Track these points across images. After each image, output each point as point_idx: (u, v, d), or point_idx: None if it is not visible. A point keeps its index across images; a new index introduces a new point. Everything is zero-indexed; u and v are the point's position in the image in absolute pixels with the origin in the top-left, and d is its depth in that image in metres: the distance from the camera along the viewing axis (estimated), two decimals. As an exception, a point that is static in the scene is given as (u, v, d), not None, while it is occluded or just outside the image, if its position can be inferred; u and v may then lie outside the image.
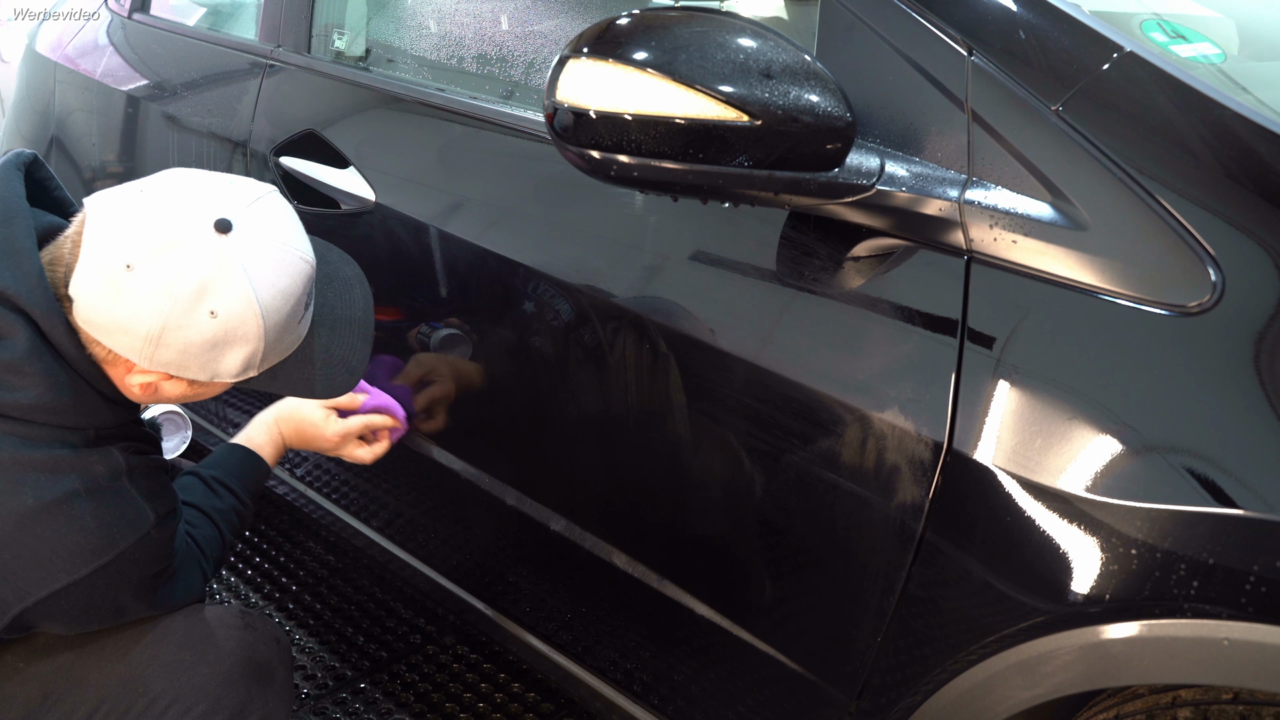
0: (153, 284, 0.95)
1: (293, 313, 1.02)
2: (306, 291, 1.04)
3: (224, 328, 0.97)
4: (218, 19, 2.15)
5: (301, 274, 1.02)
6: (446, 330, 1.40)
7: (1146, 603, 0.79)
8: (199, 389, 1.07)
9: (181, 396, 1.07)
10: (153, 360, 0.99)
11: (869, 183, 0.91)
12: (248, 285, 0.97)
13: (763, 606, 1.12)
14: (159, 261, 0.95)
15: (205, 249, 0.96)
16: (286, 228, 1.03)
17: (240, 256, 0.97)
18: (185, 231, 0.96)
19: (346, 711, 1.78)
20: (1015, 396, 0.87)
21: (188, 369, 1.00)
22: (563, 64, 0.90)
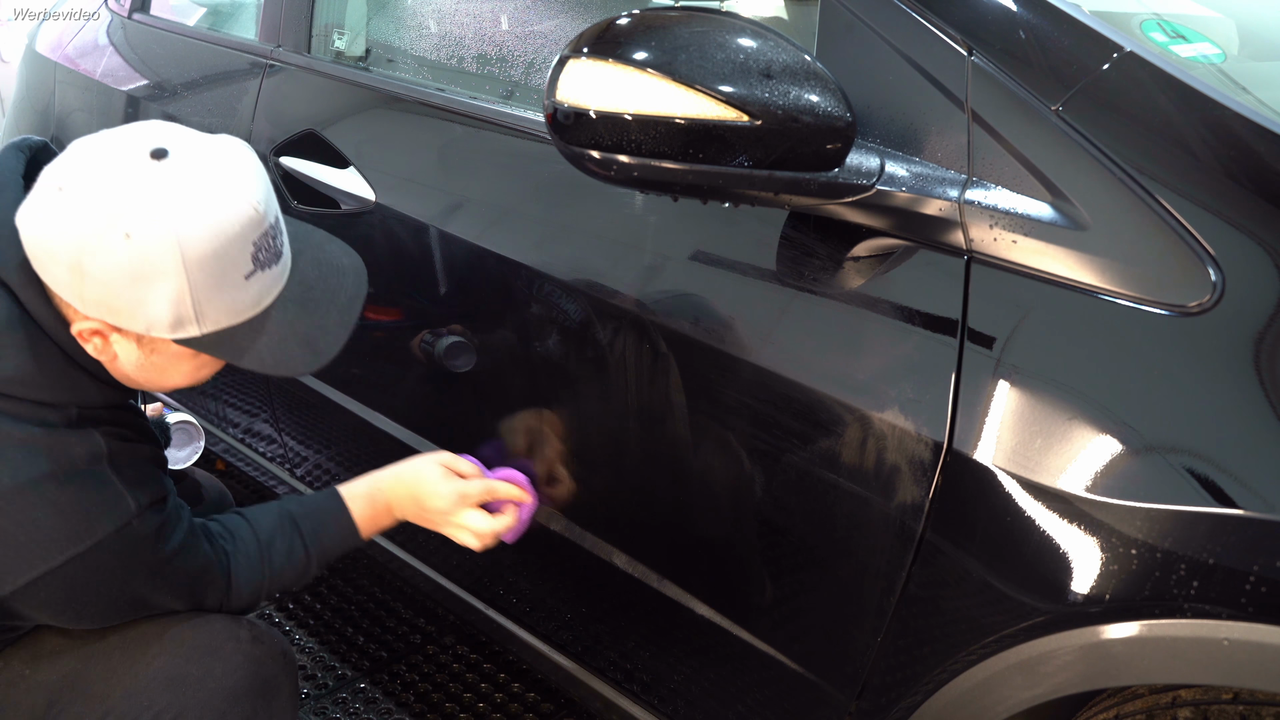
0: (76, 204, 0.91)
1: (224, 254, 0.93)
2: (251, 241, 0.95)
3: (139, 253, 0.90)
4: (218, 19, 2.15)
5: (241, 215, 0.94)
6: (451, 338, 1.40)
7: (1146, 603, 0.79)
8: (151, 352, 1.00)
9: (139, 365, 1.01)
10: (83, 298, 0.93)
11: (869, 183, 0.91)
12: (167, 209, 0.90)
13: (763, 606, 1.12)
14: (86, 182, 0.91)
15: (132, 171, 0.91)
16: (237, 170, 0.96)
17: (167, 181, 0.91)
18: (119, 156, 0.92)
19: (346, 711, 1.78)
20: (1015, 396, 0.87)
21: (119, 313, 0.94)
22: (563, 64, 0.90)
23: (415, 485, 1.24)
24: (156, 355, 1.01)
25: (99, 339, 0.98)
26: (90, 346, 0.99)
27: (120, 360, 1.01)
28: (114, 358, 1.00)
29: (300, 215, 1.59)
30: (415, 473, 1.25)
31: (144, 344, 0.99)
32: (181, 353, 1.01)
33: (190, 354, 1.01)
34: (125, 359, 1.00)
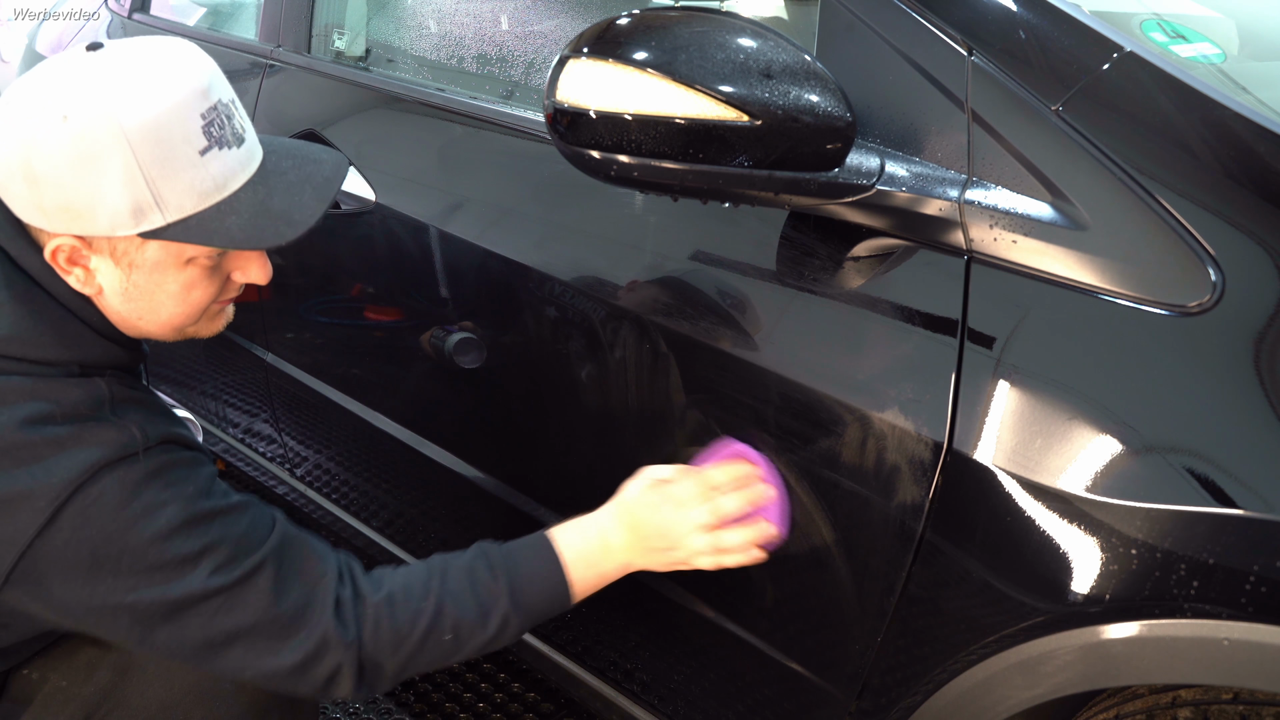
0: (15, 106, 0.88)
1: (168, 125, 0.88)
2: (198, 113, 0.90)
3: (79, 133, 0.86)
4: (218, 19, 2.15)
5: (179, 84, 0.89)
6: (460, 334, 1.40)
7: (1146, 603, 0.79)
8: (130, 268, 0.94)
9: (125, 292, 0.95)
10: (43, 208, 0.89)
11: (869, 183, 0.91)
12: (101, 86, 0.87)
13: (763, 606, 1.12)
14: (26, 86, 0.89)
15: (67, 64, 0.89)
16: (175, 51, 0.92)
17: (101, 65, 0.88)
18: (56, 59, 0.90)
19: (347, 712, 1.78)
20: (1015, 396, 0.87)
21: (81, 215, 0.89)
22: (563, 64, 0.90)
23: (646, 499, 1.05)
24: (137, 272, 0.94)
25: (81, 270, 0.93)
26: (74, 279, 0.94)
27: (106, 293, 0.95)
28: (99, 291, 0.95)
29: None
30: (648, 484, 1.06)
31: (120, 259, 0.93)
32: (160, 262, 0.94)
33: (172, 264, 0.95)
34: (110, 288, 0.95)
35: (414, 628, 0.97)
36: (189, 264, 0.96)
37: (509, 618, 1.00)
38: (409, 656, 0.97)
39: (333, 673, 0.95)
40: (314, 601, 0.95)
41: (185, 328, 1.02)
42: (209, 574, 0.91)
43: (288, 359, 1.75)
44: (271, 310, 1.76)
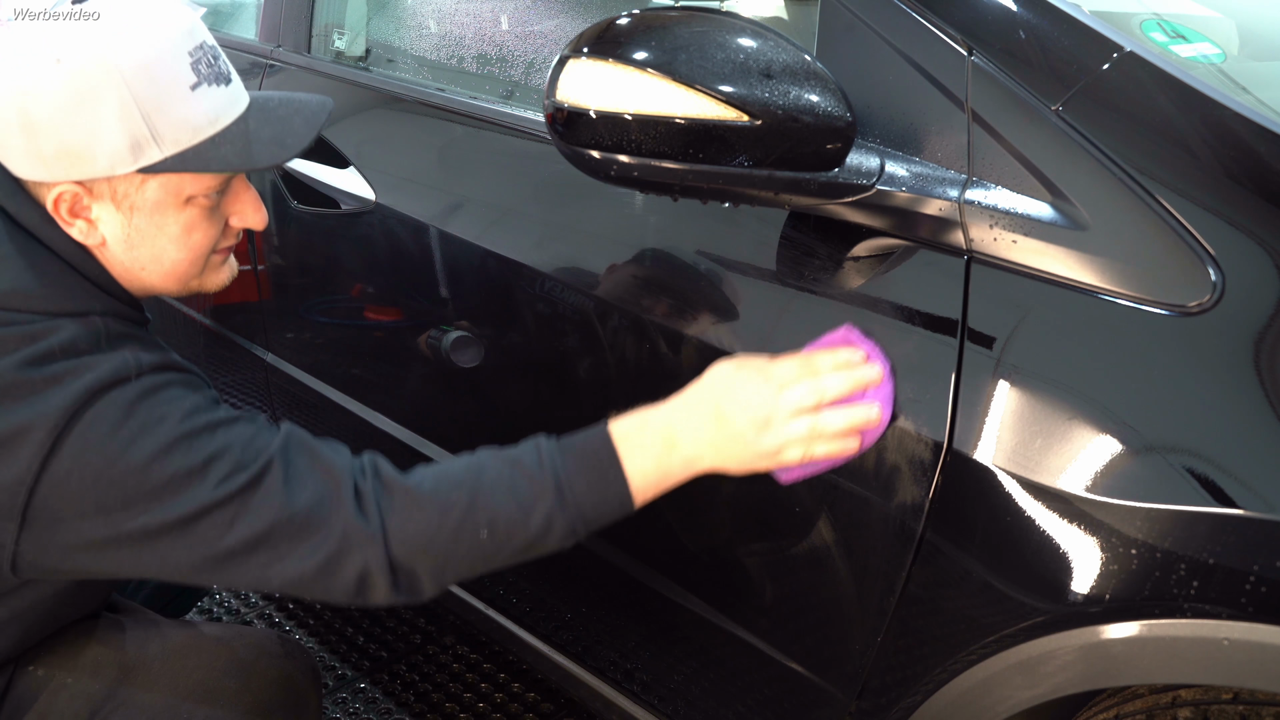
0: (5, 59, 0.89)
1: (159, 60, 0.90)
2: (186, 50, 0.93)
3: (73, 74, 0.88)
4: (218, 19, 2.15)
5: (167, 22, 0.92)
6: (457, 333, 1.40)
7: (1146, 603, 0.79)
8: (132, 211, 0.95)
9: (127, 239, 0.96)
10: (42, 157, 0.90)
11: (869, 183, 0.91)
12: (90, 27, 0.89)
13: (763, 606, 1.12)
14: (10, 39, 0.90)
15: (51, 10, 0.90)
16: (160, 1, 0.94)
17: (87, 8, 0.90)
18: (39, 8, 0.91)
19: (346, 711, 1.78)
20: (1015, 396, 0.87)
21: (80, 158, 0.90)
22: (563, 64, 0.90)
23: (715, 398, 0.92)
24: (138, 215, 0.95)
25: (83, 221, 0.95)
26: (76, 230, 0.95)
27: (109, 243, 0.96)
28: (102, 242, 0.96)
29: (300, 215, 1.59)
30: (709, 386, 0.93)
31: (121, 202, 0.94)
32: (160, 203, 0.95)
33: (171, 205, 0.96)
34: (113, 236, 0.96)
35: (444, 521, 0.90)
36: (188, 204, 0.97)
37: (553, 517, 0.91)
38: (443, 556, 0.90)
39: (362, 572, 0.89)
40: (329, 496, 0.90)
41: (189, 278, 1.02)
42: (216, 484, 0.88)
43: (288, 359, 1.75)
44: (271, 310, 1.76)
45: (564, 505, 0.91)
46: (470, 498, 0.91)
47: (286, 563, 0.90)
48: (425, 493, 0.92)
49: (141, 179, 0.94)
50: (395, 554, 0.90)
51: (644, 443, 0.93)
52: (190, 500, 0.88)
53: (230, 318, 1.88)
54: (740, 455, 0.92)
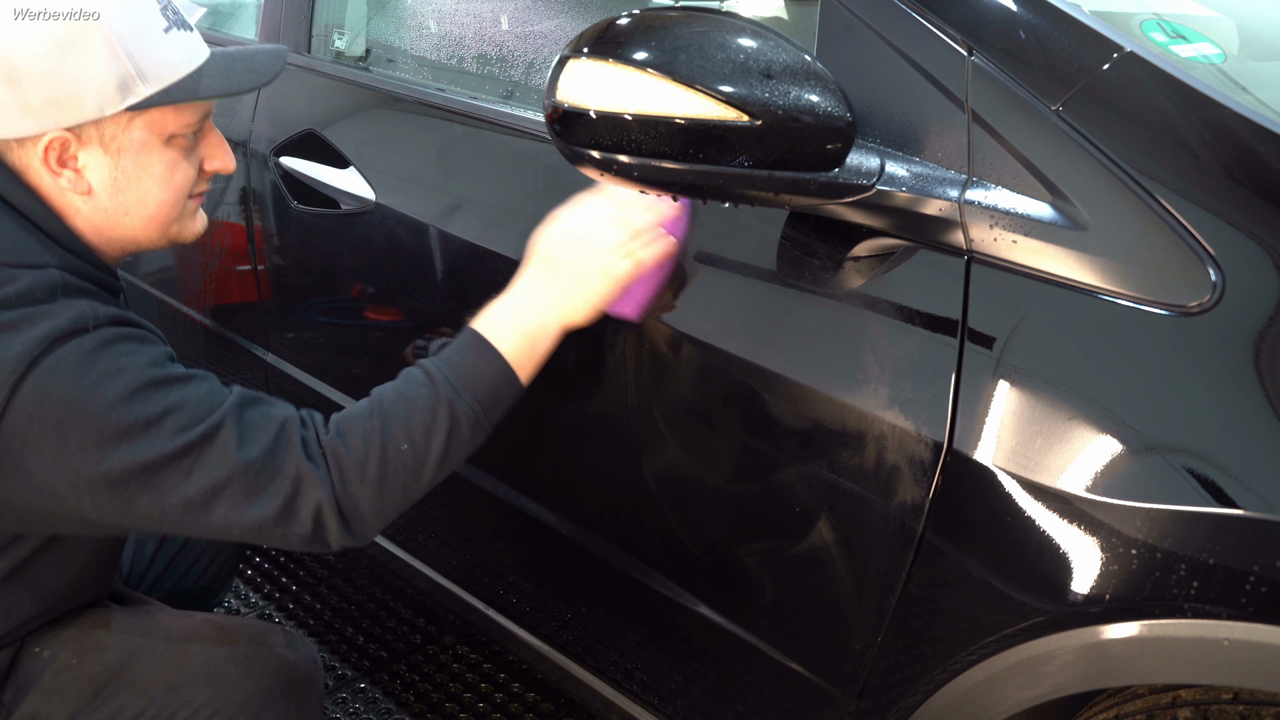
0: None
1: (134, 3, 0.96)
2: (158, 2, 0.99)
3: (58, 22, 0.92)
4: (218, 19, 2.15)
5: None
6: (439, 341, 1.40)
7: (1146, 603, 0.79)
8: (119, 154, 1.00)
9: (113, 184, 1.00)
10: (29, 106, 0.93)
11: (869, 183, 0.91)
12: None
13: (763, 606, 1.12)
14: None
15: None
16: None
17: None
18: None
19: (346, 711, 1.78)
20: (1015, 396, 0.87)
21: (69, 103, 0.94)
22: (563, 64, 0.90)
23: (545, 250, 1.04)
24: (124, 157, 1.00)
25: (71, 171, 0.99)
26: (64, 180, 0.99)
27: (95, 190, 1.01)
28: (89, 190, 1.00)
29: (300, 215, 1.59)
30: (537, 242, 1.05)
31: (109, 145, 0.99)
32: (145, 142, 1.01)
33: (156, 144, 1.02)
34: (99, 183, 1.00)
35: (369, 449, 0.97)
36: (170, 143, 1.03)
37: (454, 410, 0.99)
38: (378, 482, 0.97)
39: (316, 513, 0.95)
40: (281, 445, 0.95)
41: (169, 222, 1.07)
42: (173, 434, 0.92)
43: (288, 359, 1.75)
44: (271, 310, 1.76)
45: (460, 396, 1.00)
46: (383, 422, 0.98)
47: (246, 511, 0.94)
48: (348, 432, 0.98)
49: (128, 119, 0.99)
50: (341, 496, 0.96)
51: (501, 322, 1.04)
52: (149, 449, 0.91)
53: (230, 318, 1.88)
54: (579, 285, 1.02)
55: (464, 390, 1.00)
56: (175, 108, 1.01)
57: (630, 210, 1.03)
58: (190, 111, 1.03)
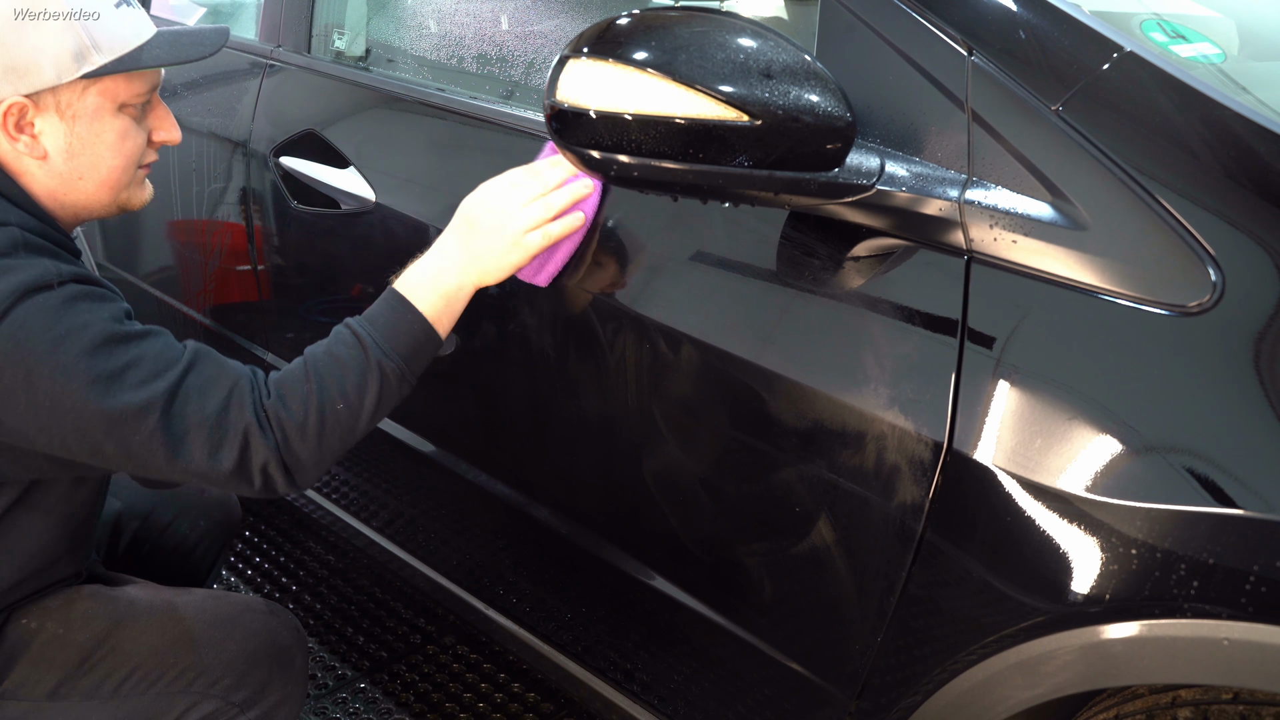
0: None
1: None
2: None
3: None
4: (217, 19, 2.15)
5: None
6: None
7: (1146, 603, 0.79)
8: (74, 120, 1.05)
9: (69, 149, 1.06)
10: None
11: (869, 183, 0.91)
12: None
13: (763, 606, 1.12)
14: None
15: None
16: None
17: None
18: None
19: (346, 711, 1.78)
20: (1015, 396, 0.87)
21: (27, 71, 1.00)
22: (563, 64, 0.90)
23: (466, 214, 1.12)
24: (79, 123, 1.06)
25: (28, 137, 1.04)
26: (21, 145, 1.04)
27: (51, 155, 1.06)
28: (44, 155, 1.05)
29: (300, 215, 1.59)
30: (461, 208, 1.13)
31: (64, 111, 1.05)
32: (99, 109, 1.06)
33: (108, 111, 1.07)
34: (55, 148, 1.05)
35: (308, 410, 1.03)
36: (121, 111, 1.09)
37: (382, 366, 1.06)
38: (317, 439, 1.03)
39: (264, 469, 1.02)
40: (234, 404, 1.01)
41: (120, 188, 1.12)
42: (135, 386, 0.98)
43: (288, 359, 1.75)
44: (271, 310, 1.76)
45: (385, 353, 1.06)
46: (319, 384, 1.04)
47: (202, 461, 1.00)
48: (287, 395, 1.04)
49: (83, 87, 1.05)
50: (284, 451, 1.03)
51: (421, 281, 1.10)
52: (114, 400, 0.97)
53: (230, 318, 1.88)
54: (496, 253, 1.09)
55: (390, 349, 1.06)
56: (126, 77, 1.07)
57: (551, 190, 1.11)
58: (140, 81, 1.09)
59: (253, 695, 1.16)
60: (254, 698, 1.17)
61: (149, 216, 2.02)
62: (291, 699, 1.21)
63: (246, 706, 1.16)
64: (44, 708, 1.11)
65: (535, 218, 1.09)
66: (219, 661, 1.15)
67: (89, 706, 1.12)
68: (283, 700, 1.20)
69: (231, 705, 1.16)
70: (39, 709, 1.11)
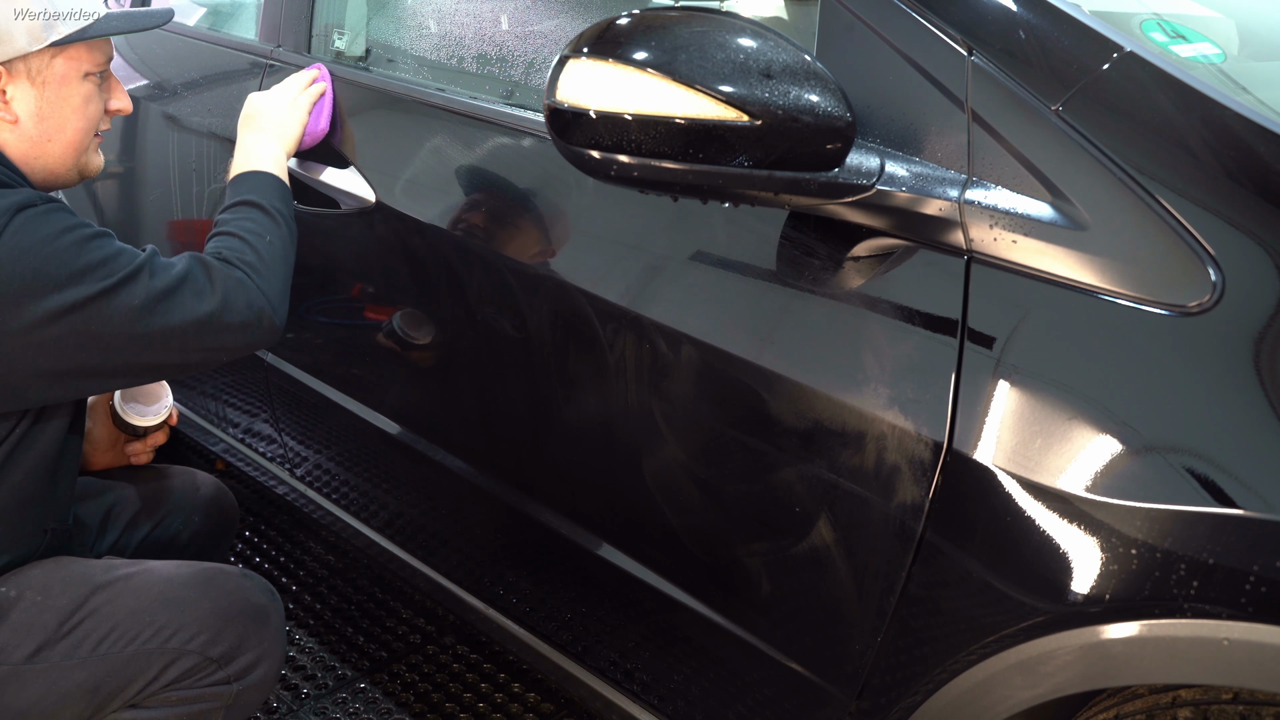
0: None
1: None
2: None
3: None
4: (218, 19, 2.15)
5: None
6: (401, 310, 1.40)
7: (1146, 603, 0.79)
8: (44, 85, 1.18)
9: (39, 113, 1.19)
10: None
11: (869, 183, 0.91)
12: None
13: (763, 606, 1.12)
14: None
15: None
16: None
17: None
18: None
19: (346, 712, 1.78)
20: (1015, 396, 0.87)
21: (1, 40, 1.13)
22: (563, 64, 0.90)
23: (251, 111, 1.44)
24: (48, 89, 1.19)
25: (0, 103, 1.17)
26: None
27: (22, 119, 1.18)
28: (15, 119, 1.18)
29: (300, 215, 1.59)
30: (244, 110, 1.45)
31: (35, 78, 1.18)
32: (65, 76, 1.20)
33: (74, 78, 1.21)
34: (25, 112, 1.18)
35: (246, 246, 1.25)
36: (85, 79, 1.23)
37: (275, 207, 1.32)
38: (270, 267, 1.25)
39: (249, 302, 1.20)
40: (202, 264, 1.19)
41: (81, 150, 1.25)
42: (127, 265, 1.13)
43: (288, 359, 1.75)
44: (271, 310, 1.75)
45: (265, 199, 1.32)
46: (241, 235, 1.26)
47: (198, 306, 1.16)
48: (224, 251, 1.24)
49: (51, 54, 1.18)
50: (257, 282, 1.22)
51: (246, 161, 1.39)
52: (110, 274, 1.11)
53: (230, 318, 1.88)
54: (277, 119, 1.43)
55: (270, 198, 1.32)
56: (88, 46, 1.21)
57: (292, 78, 1.48)
58: (99, 51, 1.24)
59: (229, 650, 1.21)
60: (231, 653, 1.21)
61: (149, 216, 2.02)
62: (268, 657, 1.25)
63: (224, 662, 1.21)
64: (23, 671, 1.15)
65: (291, 93, 1.45)
66: (194, 618, 1.20)
67: (68, 666, 1.16)
68: (260, 658, 1.24)
69: (209, 660, 1.20)
70: (17, 673, 1.15)
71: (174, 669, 1.19)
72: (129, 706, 1.19)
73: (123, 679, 1.17)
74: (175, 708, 1.21)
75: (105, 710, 1.18)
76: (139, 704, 1.20)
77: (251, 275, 1.21)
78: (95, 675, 1.16)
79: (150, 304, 1.13)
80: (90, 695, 1.16)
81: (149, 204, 2.00)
